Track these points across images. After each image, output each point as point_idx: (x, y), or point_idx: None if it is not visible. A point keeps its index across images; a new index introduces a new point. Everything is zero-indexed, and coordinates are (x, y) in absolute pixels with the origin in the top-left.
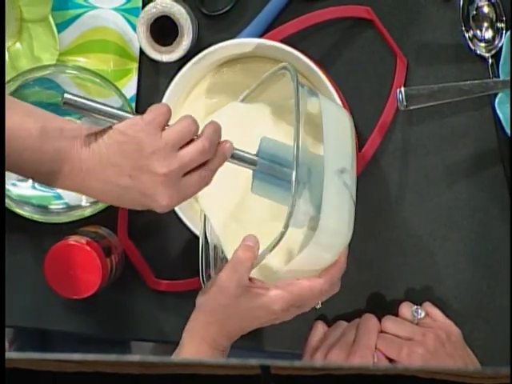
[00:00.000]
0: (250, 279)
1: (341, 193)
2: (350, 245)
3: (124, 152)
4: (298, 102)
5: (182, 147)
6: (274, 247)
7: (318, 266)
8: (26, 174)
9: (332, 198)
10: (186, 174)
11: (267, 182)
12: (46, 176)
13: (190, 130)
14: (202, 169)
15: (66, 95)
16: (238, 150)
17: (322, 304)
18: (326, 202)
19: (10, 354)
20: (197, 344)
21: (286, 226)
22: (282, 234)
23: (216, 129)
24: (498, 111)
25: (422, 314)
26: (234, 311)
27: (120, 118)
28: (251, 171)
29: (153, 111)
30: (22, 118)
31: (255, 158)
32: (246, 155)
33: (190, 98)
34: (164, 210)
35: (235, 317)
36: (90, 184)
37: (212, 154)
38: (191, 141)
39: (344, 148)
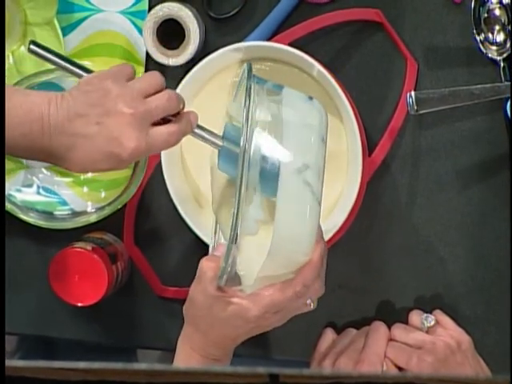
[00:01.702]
0: (222, 289)
1: (300, 193)
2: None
3: (90, 100)
4: (248, 103)
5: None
6: (226, 259)
7: (289, 269)
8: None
9: (288, 200)
10: (154, 125)
11: (232, 163)
12: (20, 143)
13: (157, 80)
14: (170, 124)
15: (31, 46)
16: (204, 126)
17: (314, 304)
18: (281, 205)
19: (15, 362)
20: (187, 353)
21: (232, 239)
22: (229, 248)
23: (180, 95)
24: (510, 115)
25: (432, 322)
26: (211, 321)
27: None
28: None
29: (118, 66)
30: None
31: (220, 137)
32: (210, 133)
33: (197, 101)
34: (131, 157)
35: (215, 326)
36: (59, 140)
37: (178, 108)
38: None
39: (307, 144)
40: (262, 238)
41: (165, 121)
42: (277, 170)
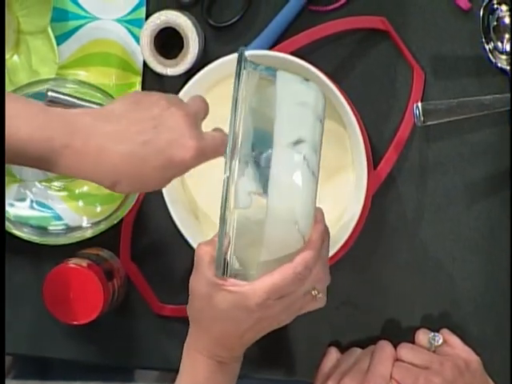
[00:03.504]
0: (222, 278)
1: (294, 165)
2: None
3: (142, 106)
4: (237, 83)
5: None
6: (221, 234)
7: (289, 250)
8: (31, 160)
9: (281, 172)
10: None
11: None
12: (55, 156)
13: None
14: (216, 129)
15: (50, 93)
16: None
17: (321, 297)
18: (274, 177)
19: (8, 383)
20: (192, 356)
21: (224, 208)
22: (222, 217)
23: None
24: None
25: (440, 341)
26: (213, 314)
27: None
28: None
29: None
30: (24, 103)
31: None
32: None
33: None
34: (192, 160)
35: (216, 320)
36: (112, 148)
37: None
38: None
39: (302, 119)
40: (259, 218)
41: None
42: (270, 144)
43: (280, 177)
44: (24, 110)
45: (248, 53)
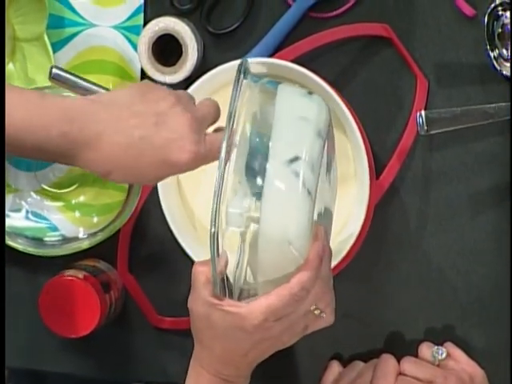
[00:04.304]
0: (218, 297)
1: (288, 184)
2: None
3: (148, 100)
4: (235, 95)
5: None
6: (212, 253)
7: (287, 270)
8: (28, 149)
9: (274, 191)
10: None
11: None
12: (52, 144)
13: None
14: (221, 131)
15: (54, 70)
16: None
17: (326, 315)
18: (267, 195)
19: None
20: (197, 371)
21: (215, 227)
22: (213, 235)
23: None
24: None
25: (444, 355)
26: (214, 333)
27: None
28: None
29: None
30: (19, 92)
31: None
32: None
33: None
34: (188, 163)
35: (217, 339)
36: (110, 137)
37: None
38: None
39: (299, 136)
40: (252, 238)
41: None
42: (265, 161)
43: (273, 196)
44: (19, 98)
45: (248, 60)
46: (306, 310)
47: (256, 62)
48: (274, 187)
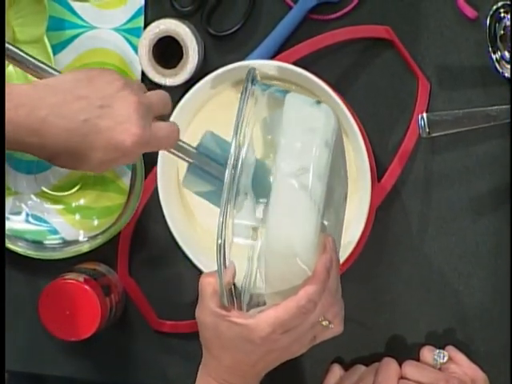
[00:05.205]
0: (226, 307)
1: (294, 196)
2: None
3: (94, 84)
4: (242, 105)
5: None
6: (220, 264)
7: (294, 282)
8: None
9: (281, 203)
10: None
11: (201, 179)
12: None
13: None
14: (170, 122)
15: (7, 45)
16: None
17: (329, 322)
18: (273, 208)
19: None
20: (205, 380)
21: (220, 248)
22: (219, 247)
23: None
24: None
25: (445, 358)
26: (222, 343)
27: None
28: None
29: None
30: None
31: (193, 150)
32: (184, 145)
33: (195, 123)
34: (134, 146)
35: (225, 349)
36: (54, 122)
37: (170, 110)
38: None
39: (307, 145)
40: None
41: None
42: (271, 174)
43: (279, 208)
44: None
45: (249, 62)
46: (313, 322)
47: (257, 65)
48: (280, 199)
